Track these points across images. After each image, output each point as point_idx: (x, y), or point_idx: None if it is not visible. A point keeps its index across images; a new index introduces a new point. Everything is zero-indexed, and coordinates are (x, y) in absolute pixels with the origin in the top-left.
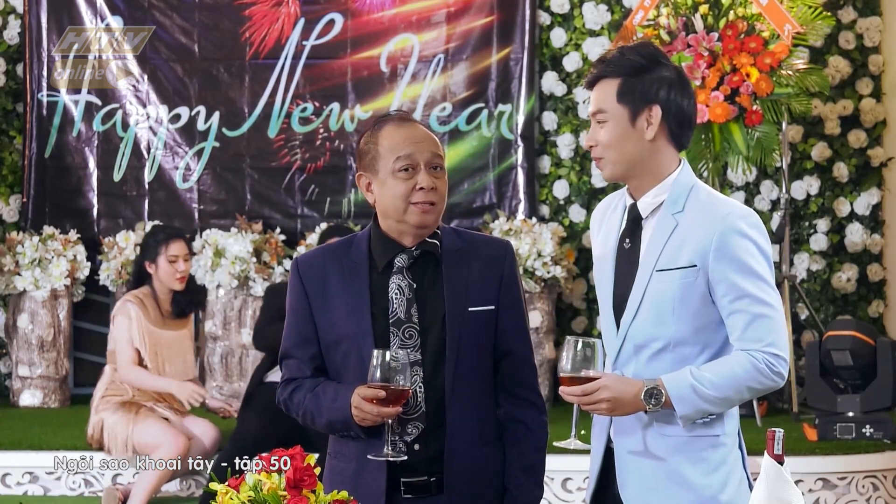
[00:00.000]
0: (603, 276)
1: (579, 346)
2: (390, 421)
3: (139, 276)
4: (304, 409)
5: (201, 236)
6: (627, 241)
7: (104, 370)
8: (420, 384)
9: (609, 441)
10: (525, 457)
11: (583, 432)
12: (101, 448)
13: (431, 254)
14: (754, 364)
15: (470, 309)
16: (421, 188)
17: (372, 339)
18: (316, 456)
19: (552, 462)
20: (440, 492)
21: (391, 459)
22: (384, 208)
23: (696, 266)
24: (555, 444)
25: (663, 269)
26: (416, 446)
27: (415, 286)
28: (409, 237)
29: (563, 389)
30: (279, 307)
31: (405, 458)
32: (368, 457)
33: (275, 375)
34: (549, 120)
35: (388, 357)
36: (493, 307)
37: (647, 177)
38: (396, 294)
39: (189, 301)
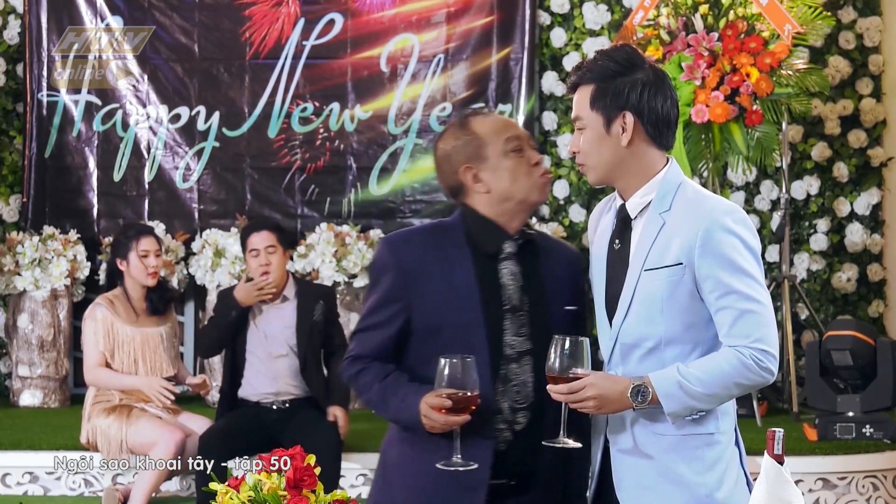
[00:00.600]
0: (596, 277)
1: (566, 344)
2: (458, 429)
3: (111, 276)
4: (369, 396)
5: (201, 236)
6: (617, 241)
7: None
8: (531, 373)
9: (606, 440)
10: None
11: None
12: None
13: (531, 242)
14: (741, 360)
15: (566, 308)
16: (536, 163)
17: (483, 327)
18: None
19: None
20: (519, 493)
21: (461, 469)
22: (503, 191)
23: (682, 264)
24: (543, 443)
25: (651, 268)
26: (522, 435)
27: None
28: (517, 221)
29: (550, 388)
30: (226, 311)
31: (474, 466)
32: (437, 466)
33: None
34: (549, 120)
35: (458, 364)
36: (577, 308)
37: (632, 178)
38: (510, 280)
39: (161, 297)
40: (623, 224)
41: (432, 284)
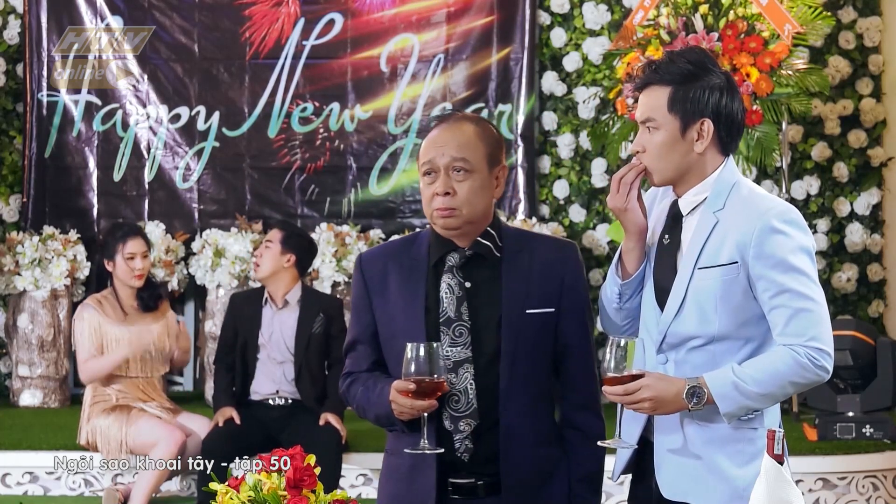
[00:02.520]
0: (648, 267)
1: (621, 345)
2: (426, 414)
3: (100, 275)
4: (357, 402)
5: (201, 236)
6: (667, 237)
7: None
8: (471, 381)
9: (643, 436)
10: (583, 466)
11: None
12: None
13: (488, 254)
14: (796, 359)
15: (528, 311)
16: (436, 193)
17: (424, 335)
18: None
19: None
20: (490, 494)
21: (427, 452)
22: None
23: (737, 262)
24: (598, 443)
25: (705, 266)
26: (469, 444)
27: (468, 285)
28: (458, 238)
29: (605, 389)
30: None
31: (441, 450)
32: (405, 451)
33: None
34: (549, 120)
35: (421, 350)
36: (553, 310)
37: (692, 179)
38: (446, 293)
39: (151, 295)
40: (674, 220)
41: (390, 295)
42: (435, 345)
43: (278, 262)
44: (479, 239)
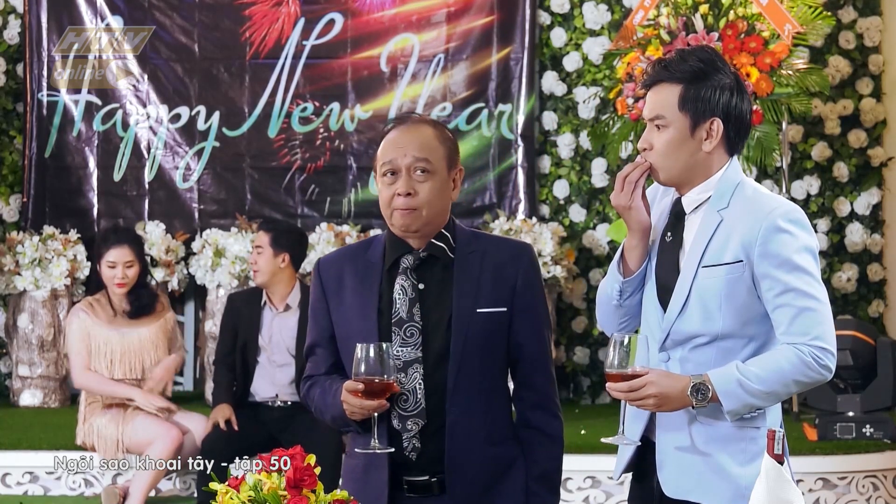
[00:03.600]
0: (650, 264)
1: (624, 342)
2: (376, 414)
3: (96, 278)
4: (315, 405)
5: (201, 236)
6: (669, 234)
7: None
8: (420, 381)
9: (646, 429)
10: (538, 464)
11: (583, 431)
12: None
13: (441, 255)
14: (801, 357)
15: (479, 310)
16: (398, 194)
17: (377, 336)
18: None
19: None
20: (443, 492)
21: (378, 451)
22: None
23: (741, 261)
24: (602, 440)
25: (709, 265)
26: (417, 443)
27: (421, 287)
28: (413, 239)
29: (609, 386)
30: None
31: (391, 449)
32: (356, 450)
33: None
34: (550, 120)
35: (371, 351)
36: (504, 309)
37: (697, 178)
38: (399, 294)
39: (139, 298)
40: (676, 218)
41: (345, 298)
42: (384, 345)
43: (274, 265)
44: (433, 241)
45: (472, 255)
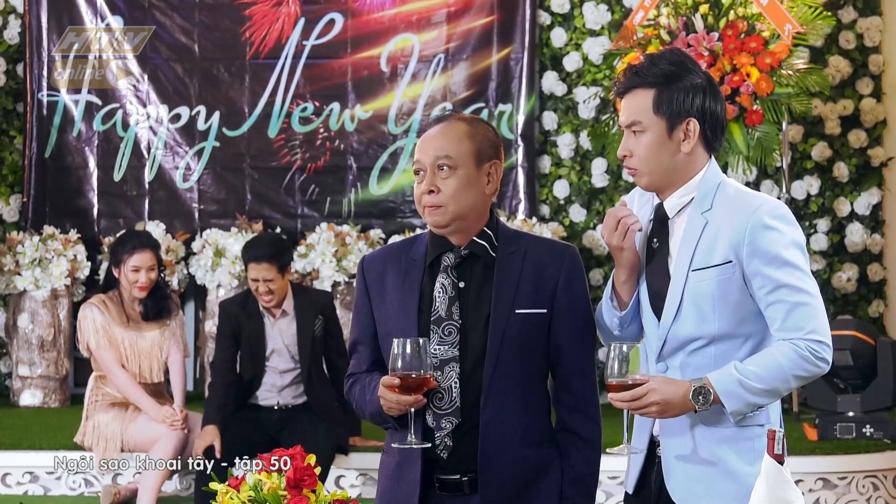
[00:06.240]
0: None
1: (624, 350)
2: (413, 409)
3: (108, 279)
4: (356, 402)
5: (201, 236)
6: (655, 240)
7: (91, 377)
8: (455, 380)
9: (651, 440)
10: (574, 468)
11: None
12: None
13: (483, 254)
14: (798, 352)
15: (517, 311)
16: (423, 192)
17: (416, 334)
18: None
19: None
20: (474, 491)
21: (415, 446)
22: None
23: (731, 262)
24: (608, 451)
25: (699, 268)
26: (449, 441)
27: (461, 285)
28: (453, 236)
29: (611, 396)
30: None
31: (428, 444)
32: (392, 445)
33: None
34: (550, 120)
35: (407, 346)
36: (544, 311)
37: (678, 181)
38: (440, 292)
39: (155, 305)
40: (660, 223)
41: (387, 295)
42: (422, 340)
43: (283, 283)
44: (474, 238)
45: (514, 255)
